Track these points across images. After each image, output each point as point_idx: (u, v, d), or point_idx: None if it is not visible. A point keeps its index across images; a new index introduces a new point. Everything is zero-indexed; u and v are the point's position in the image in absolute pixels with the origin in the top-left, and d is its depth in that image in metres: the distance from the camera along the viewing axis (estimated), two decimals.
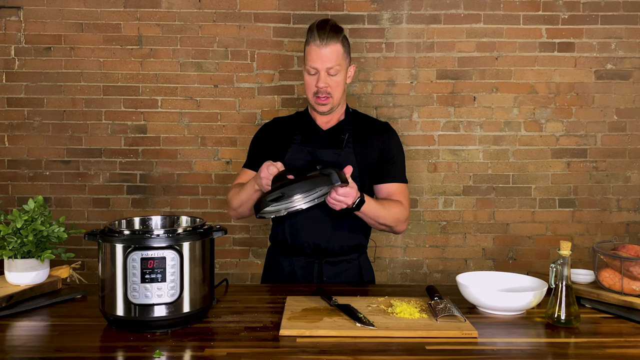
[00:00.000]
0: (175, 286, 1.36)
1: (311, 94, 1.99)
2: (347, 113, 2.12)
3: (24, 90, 3.11)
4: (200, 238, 1.42)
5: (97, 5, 3.08)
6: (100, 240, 1.40)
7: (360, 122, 2.11)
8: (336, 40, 1.94)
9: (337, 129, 2.07)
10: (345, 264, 2.03)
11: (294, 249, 2.01)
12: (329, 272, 2.01)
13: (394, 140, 2.09)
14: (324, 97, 1.96)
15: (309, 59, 1.95)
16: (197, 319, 1.44)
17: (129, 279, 1.34)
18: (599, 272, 1.67)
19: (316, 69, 1.94)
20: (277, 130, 2.11)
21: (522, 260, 3.22)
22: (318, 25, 1.93)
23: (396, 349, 1.29)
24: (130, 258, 1.34)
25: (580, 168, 3.20)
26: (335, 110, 2.05)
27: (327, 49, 1.92)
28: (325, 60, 1.92)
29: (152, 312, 1.35)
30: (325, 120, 2.08)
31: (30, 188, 3.14)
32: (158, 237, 1.36)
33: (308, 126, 2.08)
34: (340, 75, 1.98)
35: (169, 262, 1.35)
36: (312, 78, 1.97)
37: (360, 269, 2.07)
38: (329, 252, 2.00)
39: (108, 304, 1.38)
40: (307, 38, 1.96)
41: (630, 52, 3.16)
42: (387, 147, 2.06)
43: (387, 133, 2.09)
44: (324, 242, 1.99)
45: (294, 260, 2.02)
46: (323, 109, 2.00)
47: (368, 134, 2.06)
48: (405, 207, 2.01)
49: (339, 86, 1.99)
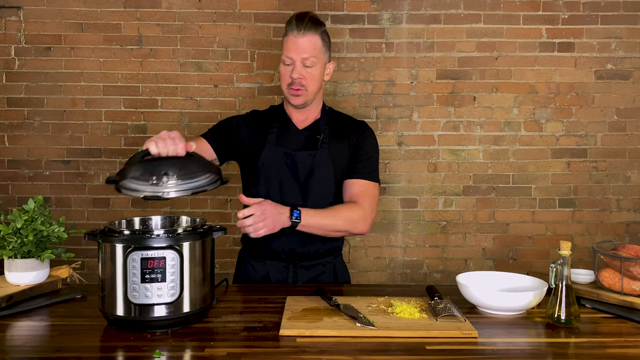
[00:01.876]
0: (175, 286, 1.36)
1: (285, 84, 1.92)
2: (324, 111, 2.04)
3: (24, 90, 3.11)
4: (201, 238, 1.42)
5: (97, 5, 3.08)
6: (100, 240, 1.39)
7: (336, 121, 2.04)
8: (314, 32, 1.89)
9: (312, 128, 2.00)
10: (321, 267, 1.99)
11: (267, 254, 1.96)
12: (304, 277, 1.96)
13: (369, 138, 2.03)
14: (298, 88, 1.89)
15: (285, 48, 1.90)
16: (197, 319, 1.44)
17: (129, 279, 1.34)
18: (599, 272, 1.67)
19: (291, 59, 1.88)
20: (253, 125, 2.02)
21: (522, 260, 3.22)
22: (297, 16, 1.89)
23: (396, 349, 1.29)
24: (130, 258, 1.34)
25: (580, 168, 3.20)
26: (310, 105, 1.99)
27: (304, 39, 1.87)
28: (300, 50, 1.86)
29: (152, 312, 1.35)
30: (302, 118, 2.01)
31: (30, 188, 3.14)
32: (158, 237, 1.36)
33: (283, 124, 2.01)
34: (317, 69, 1.91)
35: (169, 262, 1.35)
36: (287, 69, 1.90)
37: (336, 272, 2.03)
38: (304, 256, 1.96)
39: (108, 304, 1.38)
40: (286, 29, 1.91)
41: (630, 52, 3.16)
42: (359, 144, 2.00)
43: (362, 131, 2.02)
44: (299, 247, 1.94)
45: (268, 264, 1.97)
46: (296, 100, 1.93)
47: (343, 133, 2.01)
48: (362, 208, 1.91)
49: (315, 80, 1.92)
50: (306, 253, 1.96)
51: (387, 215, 3.21)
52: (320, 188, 1.95)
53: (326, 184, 1.96)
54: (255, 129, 2.01)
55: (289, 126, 2.01)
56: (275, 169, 1.94)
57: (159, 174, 1.38)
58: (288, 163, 1.94)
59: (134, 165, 1.41)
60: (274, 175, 1.94)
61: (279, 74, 1.96)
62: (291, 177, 1.94)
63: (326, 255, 2.01)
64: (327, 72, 1.98)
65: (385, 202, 3.20)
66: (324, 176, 1.95)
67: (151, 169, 1.40)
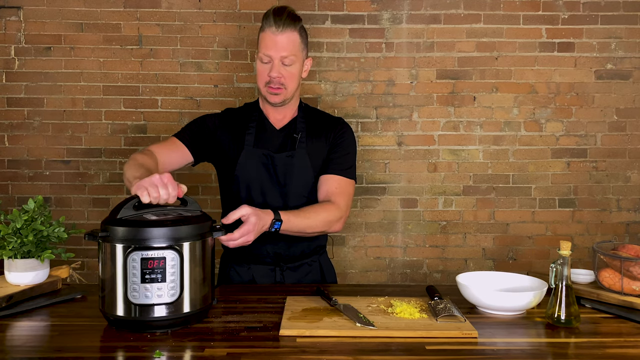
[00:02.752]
0: (175, 286, 1.36)
1: (263, 83, 1.87)
2: (300, 109, 2.00)
3: (24, 90, 3.11)
4: (201, 238, 1.42)
5: (97, 5, 3.08)
6: (100, 240, 1.39)
7: (313, 118, 2.00)
8: (293, 29, 1.83)
9: (290, 127, 1.97)
10: (307, 267, 1.98)
11: (252, 258, 1.93)
12: (290, 278, 1.95)
13: (346, 135, 1.99)
14: (277, 87, 1.85)
15: (262, 46, 1.83)
16: (198, 319, 1.43)
17: (129, 279, 1.34)
18: (599, 272, 1.67)
19: (270, 57, 1.82)
20: (229, 125, 1.97)
21: (522, 260, 3.22)
22: (275, 12, 1.82)
23: (396, 349, 1.29)
24: (130, 258, 1.34)
25: (580, 168, 3.20)
26: (288, 103, 1.95)
27: (282, 37, 1.80)
28: (279, 48, 1.81)
29: (153, 312, 1.35)
30: (279, 117, 1.97)
31: (30, 188, 3.14)
32: (158, 237, 1.36)
33: (260, 124, 1.96)
34: (296, 67, 1.86)
35: (169, 262, 1.35)
36: (265, 67, 1.85)
37: (322, 270, 2.02)
38: (290, 257, 1.94)
39: (108, 304, 1.38)
40: (262, 24, 1.84)
41: (630, 52, 3.16)
42: (336, 141, 1.97)
43: (339, 127, 1.99)
44: (284, 250, 1.93)
45: (253, 268, 1.94)
46: (275, 99, 1.88)
47: (320, 131, 1.97)
48: (339, 207, 1.89)
49: (294, 78, 1.87)
50: (292, 255, 1.94)
51: (387, 215, 3.21)
52: (298, 188, 1.93)
53: (305, 183, 1.93)
54: (231, 130, 1.96)
55: (265, 126, 1.97)
56: (254, 170, 1.91)
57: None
58: (267, 164, 1.91)
59: (124, 224, 1.37)
60: (253, 177, 1.91)
61: (256, 71, 1.90)
62: (270, 178, 1.91)
63: (312, 255, 1.99)
64: (304, 69, 1.94)
65: (385, 202, 3.20)
66: (302, 176, 1.93)
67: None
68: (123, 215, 1.39)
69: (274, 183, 1.92)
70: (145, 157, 1.77)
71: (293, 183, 1.92)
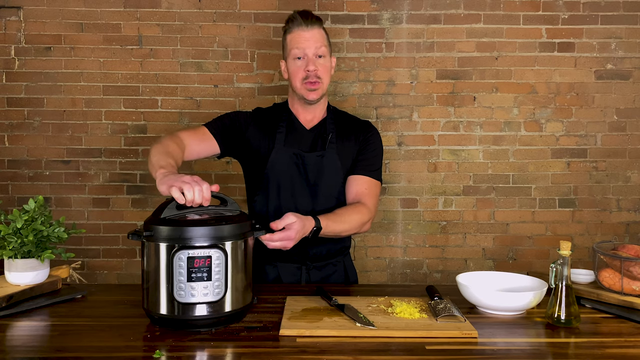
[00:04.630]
0: (220, 285, 1.37)
1: (299, 80, 1.89)
2: (329, 110, 2.04)
3: (24, 90, 3.11)
4: (243, 237, 1.43)
5: (97, 5, 3.08)
6: (145, 240, 1.40)
7: (342, 120, 2.04)
8: (319, 26, 1.91)
9: (320, 127, 1.99)
10: (332, 267, 2.00)
11: (278, 256, 1.93)
12: (316, 277, 1.97)
13: (375, 137, 2.04)
14: (314, 81, 1.87)
15: (293, 44, 1.88)
16: (239, 318, 1.44)
17: (175, 278, 1.35)
18: (599, 272, 1.67)
19: (304, 53, 1.87)
20: (260, 124, 1.99)
21: (522, 260, 3.22)
22: (300, 13, 1.90)
23: (396, 349, 1.29)
24: (177, 257, 1.35)
25: (580, 168, 3.20)
26: (318, 103, 1.97)
27: (312, 31, 1.88)
28: (311, 42, 1.87)
29: (198, 311, 1.36)
30: (309, 117, 2.00)
31: (30, 188, 3.14)
32: (203, 236, 1.37)
33: (290, 124, 1.99)
34: (327, 60, 1.92)
35: (214, 261, 1.37)
36: (299, 63, 1.89)
37: (346, 270, 2.04)
38: (316, 257, 1.96)
39: (152, 302, 1.39)
40: (288, 27, 1.91)
41: (630, 52, 3.16)
42: (366, 142, 2.01)
43: (368, 131, 2.04)
44: (311, 249, 1.94)
45: (280, 266, 1.96)
46: (313, 95, 1.90)
47: (349, 132, 2.00)
48: (369, 209, 1.94)
49: (327, 71, 1.92)
50: (318, 254, 1.97)
51: (387, 215, 3.21)
52: (328, 188, 1.95)
53: (335, 183, 1.95)
54: (262, 129, 1.98)
55: (296, 126, 1.99)
56: (285, 170, 1.93)
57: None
58: (298, 164, 1.93)
59: (169, 224, 1.39)
60: (283, 176, 1.93)
61: (288, 72, 1.94)
62: (300, 178, 1.93)
63: (337, 255, 2.02)
64: (332, 66, 1.98)
65: (385, 202, 3.20)
66: (332, 176, 1.95)
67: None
68: (166, 215, 1.41)
69: (303, 182, 1.93)
70: (174, 144, 1.77)
71: (323, 183, 1.94)
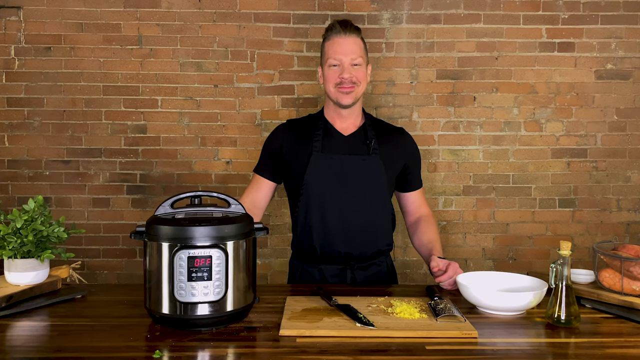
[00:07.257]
0: (220, 284, 1.38)
1: (333, 85, 1.93)
2: (366, 117, 2.06)
3: (24, 90, 3.11)
4: (245, 237, 1.43)
5: (97, 5, 3.08)
6: (147, 239, 1.40)
7: (378, 127, 2.06)
8: (357, 35, 1.95)
9: (358, 134, 2.00)
10: (375, 267, 2.01)
11: (323, 258, 1.96)
12: (360, 277, 1.98)
13: (414, 146, 2.12)
14: (349, 86, 1.91)
15: (331, 52, 1.93)
16: (240, 318, 1.45)
17: (175, 277, 1.36)
18: (599, 272, 1.67)
19: (340, 60, 1.91)
20: (293, 134, 2.02)
21: (522, 260, 3.22)
22: (339, 22, 1.95)
23: (396, 349, 1.29)
24: (177, 257, 1.36)
25: (580, 168, 3.20)
26: (353, 108, 1.99)
27: (350, 40, 1.92)
28: (348, 51, 1.91)
29: (198, 311, 1.37)
30: (344, 125, 2.01)
31: (30, 188, 3.14)
32: (204, 236, 1.37)
33: (327, 132, 1.99)
34: (363, 69, 1.95)
35: (214, 260, 1.37)
36: (334, 70, 1.92)
37: (388, 270, 2.07)
38: (361, 258, 1.97)
39: (154, 301, 1.40)
40: (327, 35, 1.95)
41: (630, 52, 3.16)
42: (411, 155, 2.08)
43: (408, 140, 2.11)
44: (356, 250, 1.95)
45: (324, 268, 1.97)
46: (346, 99, 1.93)
47: (389, 138, 2.03)
48: (430, 213, 2.13)
49: (363, 77, 1.96)
50: (363, 255, 1.97)
51: None
52: (374, 193, 1.95)
53: (380, 188, 1.95)
54: (298, 137, 2.00)
55: (332, 133, 1.99)
56: (325, 176, 1.92)
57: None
58: (337, 169, 1.92)
59: (170, 223, 1.41)
60: (323, 183, 1.92)
61: (323, 78, 1.98)
62: (341, 183, 1.92)
63: (380, 255, 2.03)
64: (368, 73, 2.01)
65: None
66: (377, 181, 1.94)
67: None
68: (159, 212, 1.43)
69: (345, 187, 1.93)
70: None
71: (368, 187, 1.94)
